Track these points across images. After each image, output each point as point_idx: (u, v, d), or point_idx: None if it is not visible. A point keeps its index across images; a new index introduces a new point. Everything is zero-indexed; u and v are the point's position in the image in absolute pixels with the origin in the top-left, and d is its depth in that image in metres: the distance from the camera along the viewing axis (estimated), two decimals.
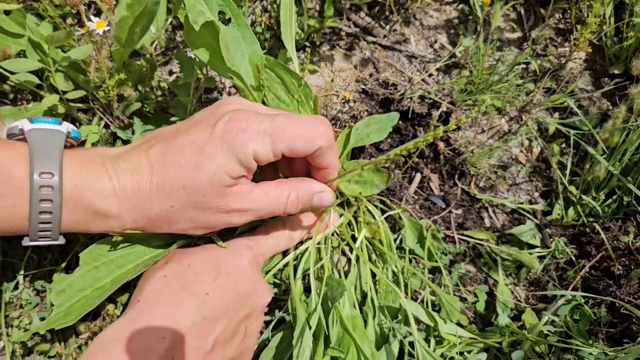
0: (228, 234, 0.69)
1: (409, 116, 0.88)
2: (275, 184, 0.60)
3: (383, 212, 0.81)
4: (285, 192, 0.59)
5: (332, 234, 0.77)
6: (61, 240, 0.55)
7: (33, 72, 0.75)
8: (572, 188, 0.85)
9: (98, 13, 0.87)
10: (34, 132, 0.55)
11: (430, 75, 0.93)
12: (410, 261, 0.81)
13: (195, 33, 0.63)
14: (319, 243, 0.74)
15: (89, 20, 0.67)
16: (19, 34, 0.77)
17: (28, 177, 0.51)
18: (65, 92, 0.76)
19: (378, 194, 0.83)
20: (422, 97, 0.89)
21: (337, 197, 0.78)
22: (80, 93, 0.76)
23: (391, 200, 0.84)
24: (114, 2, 0.69)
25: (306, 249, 0.74)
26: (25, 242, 0.54)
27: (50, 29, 0.77)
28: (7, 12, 0.77)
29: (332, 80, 0.91)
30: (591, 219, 0.84)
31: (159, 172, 0.55)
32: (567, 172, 0.86)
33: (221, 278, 0.58)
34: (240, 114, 0.55)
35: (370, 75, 0.92)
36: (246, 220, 0.58)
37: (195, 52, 0.66)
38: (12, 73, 0.74)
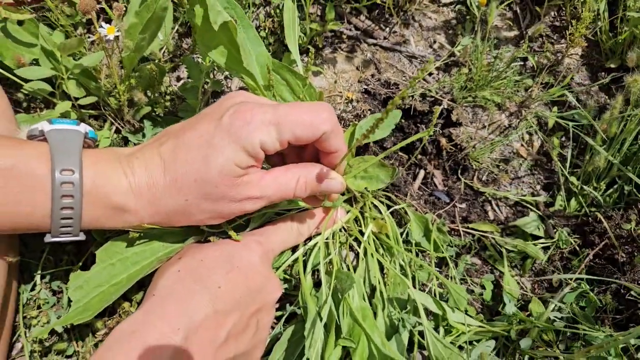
0: (240, 230, 0.71)
1: (411, 114, 0.90)
2: (283, 170, 0.62)
3: (389, 207, 0.83)
4: (294, 177, 0.61)
5: (340, 230, 0.79)
6: (82, 237, 0.57)
7: (46, 80, 0.78)
8: (573, 179, 0.86)
9: (108, 21, 0.90)
10: (54, 132, 0.57)
11: (430, 74, 0.95)
12: (417, 254, 0.83)
13: (210, 34, 0.65)
14: (327, 239, 0.76)
15: (100, 27, 0.70)
16: (32, 43, 0.80)
17: (50, 174, 0.53)
18: (77, 99, 0.79)
19: (383, 190, 0.85)
20: (423, 96, 0.92)
21: (344, 194, 0.80)
22: (92, 99, 0.79)
23: (396, 196, 0.86)
24: (124, 9, 0.71)
25: (315, 245, 0.76)
26: (47, 238, 0.56)
27: (62, 38, 0.80)
28: (20, 23, 0.79)
29: (336, 82, 0.94)
30: (593, 209, 0.85)
31: (170, 168, 0.57)
32: (568, 163, 0.88)
33: (233, 272, 0.60)
34: (244, 106, 0.57)
35: (372, 75, 0.95)
36: (259, 206, 0.60)
37: (209, 53, 0.69)
38: (26, 81, 0.77)
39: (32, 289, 0.75)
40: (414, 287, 0.78)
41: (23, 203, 0.53)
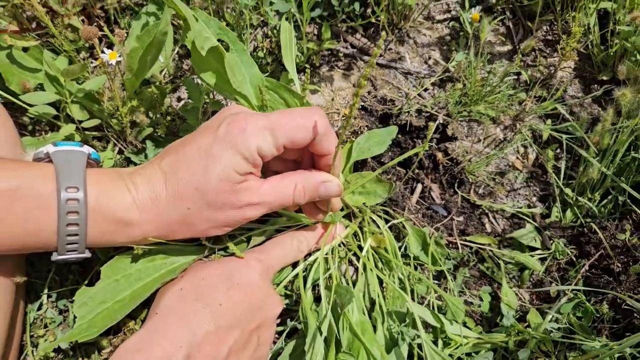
0: (241, 247, 0.73)
1: (407, 129, 0.92)
2: (281, 177, 0.63)
3: (387, 221, 0.84)
4: (291, 184, 0.63)
5: (339, 245, 0.81)
6: (87, 254, 0.59)
7: (50, 104, 0.80)
8: (568, 191, 0.88)
9: (110, 46, 0.92)
10: (59, 153, 0.59)
11: (425, 89, 0.97)
12: (416, 268, 0.84)
13: (202, 58, 0.68)
14: (326, 254, 0.77)
15: (103, 52, 0.72)
16: (37, 68, 0.82)
17: (55, 192, 0.55)
18: (81, 122, 0.81)
19: (382, 205, 0.87)
20: (419, 111, 0.94)
21: (342, 209, 0.82)
22: (95, 122, 0.81)
23: (394, 210, 0.88)
24: (125, 35, 0.74)
25: (315, 260, 0.77)
26: (54, 257, 0.58)
27: (65, 63, 0.82)
28: (25, 49, 0.82)
29: (333, 99, 0.96)
30: (588, 220, 0.87)
31: (171, 180, 0.59)
32: (562, 175, 0.89)
33: (233, 289, 0.62)
34: (239, 116, 0.59)
35: (369, 92, 0.97)
36: (260, 213, 0.62)
37: (202, 75, 0.71)
38: (31, 105, 0.79)
39: (39, 309, 0.76)
40: (413, 300, 0.79)
41: (30, 221, 0.55)
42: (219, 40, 0.72)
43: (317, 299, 0.78)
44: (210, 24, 0.70)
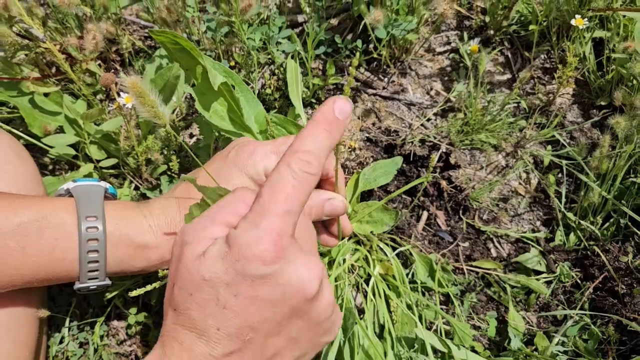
0: None
1: (411, 159, 0.95)
2: None
3: (394, 249, 0.87)
4: None
5: (348, 271, 0.83)
6: (107, 282, 0.62)
7: (70, 145, 0.84)
8: (570, 215, 0.90)
9: (123, 89, 0.97)
10: (78, 188, 0.63)
11: (428, 120, 1.01)
12: (423, 294, 0.86)
13: (208, 97, 0.72)
14: (336, 280, 0.80)
15: (119, 96, 0.76)
16: (57, 112, 0.87)
17: (76, 221, 0.59)
18: (99, 161, 0.85)
19: (388, 233, 0.89)
20: (422, 141, 0.97)
21: (350, 237, 0.84)
22: (112, 161, 0.85)
23: (401, 238, 0.90)
24: (140, 79, 0.78)
25: None
26: (77, 285, 0.61)
27: (84, 106, 0.87)
28: (46, 94, 0.87)
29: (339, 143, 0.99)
30: (592, 243, 0.89)
31: (184, 204, 0.63)
32: (564, 200, 0.91)
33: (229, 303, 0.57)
34: (246, 143, 0.63)
35: (373, 124, 1.00)
36: None
37: (209, 114, 0.74)
38: (52, 147, 0.83)
39: (60, 342, 0.79)
40: (421, 325, 0.81)
41: (55, 250, 0.58)
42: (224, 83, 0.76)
43: None
44: (215, 67, 0.74)
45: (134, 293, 0.64)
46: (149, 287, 0.64)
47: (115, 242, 0.61)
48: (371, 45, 1.04)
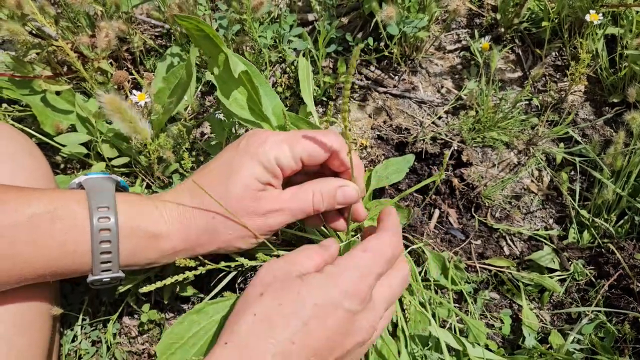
0: None
1: (423, 157, 0.95)
2: (299, 185, 0.65)
3: (406, 247, 0.86)
4: (309, 190, 0.64)
5: None
6: (121, 274, 0.62)
7: (81, 143, 0.84)
8: (584, 212, 0.89)
9: (136, 86, 0.97)
10: (89, 180, 0.64)
11: (439, 117, 1.00)
12: (436, 291, 0.86)
13: (229, 84, 0.73)
14: None
15: (132, 93, 0.76)
16: (69, 110, 0.87)
17: (87, 213, 0.59)
18: (111, 159, 0.85)
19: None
20: (434, 139, 0.96)
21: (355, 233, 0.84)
22: (124, 159, 0.85)
23: (413, 236, 0.90)
24: (153, 77, 0.78)
25: None
26: (90, 278, 0.61)
27: (96, 105, 0.87)
28: (58, 93, 0.87)
29: (350, 130, 0.99)
30: (606, 240, 0.88)
31: (196, 192, 0.62)
32: (578, 197, 0.91)
33: (312, 322, 0.54)
34: (258, 132, 0.63)
35: (384, 122, 1.00)
36: (282, 221, 0.63)
37: (229, 101, 0.74)
38: (64, 145, 0.83)
39: (73, 340, 0.79)
40: (434, 323, 0.81)
41: (68, 242, 0.58)
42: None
43: None
44: (236, 57, 0.75)
45: (144, 289, 0.64)
46: (159, 284, 0.64)
47: (128, 233, 0.60)
48: (382, 44, 1.04)
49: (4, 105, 0.88)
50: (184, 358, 0.68)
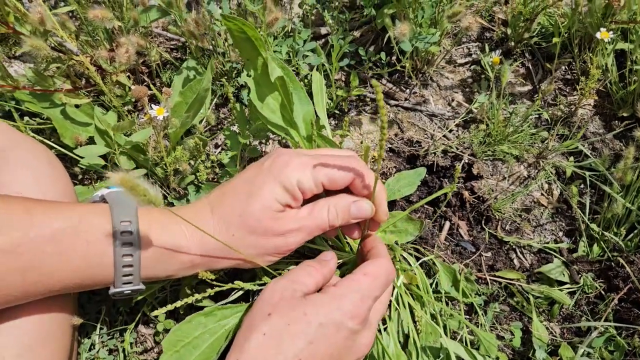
0: None
1: (434, 169, 0.96)
2: (314, 204, 0.66)
3: (417, 259, 0.87)
4: (324, 208, 0.65)
5: None
6: (142, 286, 0.63)
7: (100, 155, 0.86)
8: (593, 226, 0.90)
9: (151, 98, 0.99)
10: (112, 194, 0.65)
11: (450, 131, 1.02)
12: (447, 303, 0.87)
13: (265, 89, 0.75)
14: None
15: (151, 108, 0.78)
16: (88, 123, 0.89)
17: (111, 226, 0.60)
18: (128, 171, 0.87)
19: (412, 243, 0.90)
20: (444, 152, 0.98)
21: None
22: (141, 171, 0.87)
23: (424, 248, 0.91)
24: (171, 92, 0.80)
25: None
26: (112, 290, 0.62)
27: (114, 118, 0.89)
28: (77, 106, 0.89)
29: (362, 142, 1.00)
30: (615, 254, 0.89)
31: (217, 209, 0.64)
32: (588, 210, 0.92)
33: (317, 342, 0.58)
34: (284, 153, 0.65)
35: (396, 135, 1.01)
36: (300, 239, 0.65)
37: (262, 105, 0.76)
38: (82, 157, 0.85)
39: (90, 349, 0.81)
40: (445, 335, 0.82)
41: (91, 255, 0.60)
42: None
43: None
44: (276, 61, 0.76)
45: (155, 313, 0.66)
46: (170, 307, 0.65)
47: (149, 247, 0.62)
48: (393, 57, 1.05)
49: (25, 118, 0.90)
50: (187, 357, 0.70)
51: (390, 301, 0.83)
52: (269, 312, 0.59)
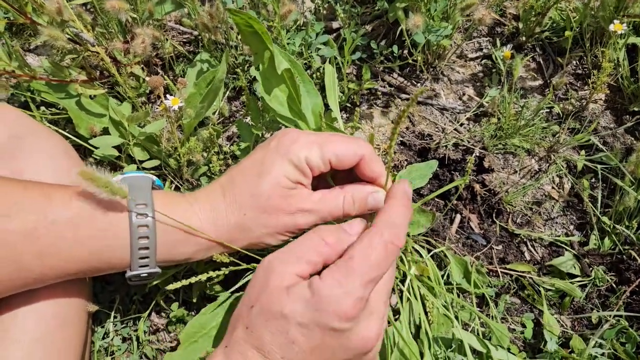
0: None
1: (445, 163, 0.97)
2: (329, 190, 0.66)
3: (429, 250, 0.88)
4: (340, 195, 0.65)
5: None
6: (158, 270, 0.64)
7: (114, 146, 0.87)
8: (605, 219, 0.90)
9: (167, 90, 0.99)
10: (128, 178, 0.66)
11: (461, 124, 1.02)
12: (458, 295, 0.87)
13: (272, 81, 0.76)
14: None
15: (166, 98, 0.79)
16: (102, 114, 0.89)
17: (126, 209, 0.61)
18: (141, 162, 0.88)
19: (423, 235, 0.90)
20: (456, 145, 0.98)
21: None
22: (155, 162, 0.88)
23: (435, 240, 0.91)
24: (187, 83, 0.81)
25: None
26: (128, 273, 0.63)
27: (129, 109, 0.90)
28: (92, 97, 0.90)
29: (373, 136, 1.01)
30: (627, 247, 0.89)
31: (229, 190, 0.65)
32: (599, 204, 0.92)
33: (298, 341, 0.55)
34: (290, 132, 0.65)
35: (407, 128, 1.02)
36: (310, 221, 0.65)
37: (270, 97, 0.77)
38: (97, 147, 0.86)
39: (104, 337, 0.81)
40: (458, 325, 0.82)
41: (108, 238, 0.61)
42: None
43: None
44: (282, 54, 0.77)
45: (171, 286, 0.66)
46: (185, 282, 0.67)
47: (164, 227, 0.63)
48: (405, 51, 1.06)
49: (42, 108, 0.91)
50: (204, 347, 0.72)
51: (401, 291, 0.84)
52: (252, 304, 0.55)
